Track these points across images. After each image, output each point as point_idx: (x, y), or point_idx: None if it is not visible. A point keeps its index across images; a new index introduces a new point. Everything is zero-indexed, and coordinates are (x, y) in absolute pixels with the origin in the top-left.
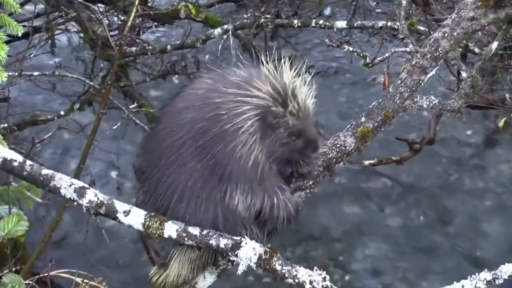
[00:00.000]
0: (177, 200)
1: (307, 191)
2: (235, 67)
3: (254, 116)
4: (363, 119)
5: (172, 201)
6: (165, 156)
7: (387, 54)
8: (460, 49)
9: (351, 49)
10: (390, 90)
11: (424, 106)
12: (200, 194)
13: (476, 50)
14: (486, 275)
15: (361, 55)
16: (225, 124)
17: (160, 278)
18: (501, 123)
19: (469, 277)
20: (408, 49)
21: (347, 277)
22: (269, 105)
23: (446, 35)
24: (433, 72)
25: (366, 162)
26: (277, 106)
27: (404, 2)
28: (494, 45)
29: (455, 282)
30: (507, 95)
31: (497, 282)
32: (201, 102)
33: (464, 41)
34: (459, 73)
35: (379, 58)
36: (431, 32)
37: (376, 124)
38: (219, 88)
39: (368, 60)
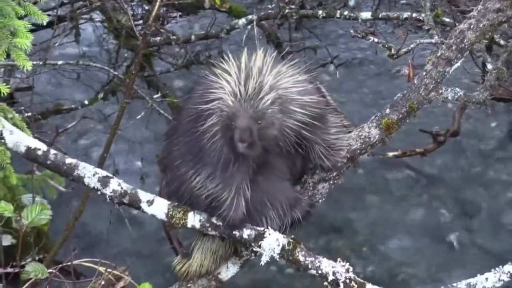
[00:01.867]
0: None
1: (331, 182)
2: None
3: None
4: (387, 110)
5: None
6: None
7: (412, 46)
8: (486, 41)
9: (376, 40)
10: (415, 82)
11: (449, 98)
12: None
13: (502, 42)
14: (510, 268)
15: (386, 46)
16: (203, 107)
17: (183, 268)
18: None
19: (492, 270)
20: (433, 41)
21: (369, 269)
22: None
23: (472, 26)
24: (458, 64)
25: (390, 154)
26: (227, 86)
27: None
28: None
29: (478, 275)
30: None
31: None
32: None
33: (490, 33)
34: (484, 65)
35: (404, 50)
36: (456, 24)
37: (400, 116)
38: (218, 75)
39: (393, 51)
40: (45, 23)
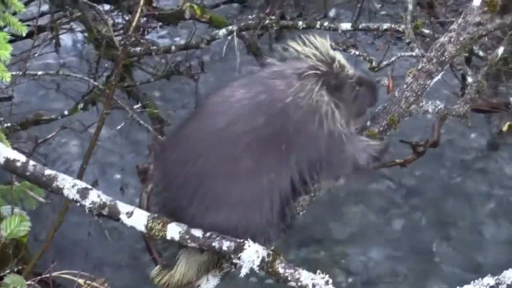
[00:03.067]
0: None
1: (312, 194)
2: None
3: (321, 87)
4: (368, 123)
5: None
6: (217, 178)
7: (393, 58)
8: (466, 54)
9: (357, 52)
10: (396, 94)
11: (430, 110)
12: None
13: (481, 53)
14: (489, 280)
15: (367, 59)
16: (303, 110)
17: (164, 279)
18: (505, 127)
19: (472, 282)
20: (414, 53)
21: (349, 280)
22: (326, 70)
23: (452, 39)
24: (439, 77)
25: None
26: (332, 66)
27: (410, 7)
28: (500, 50)
29: (457, 287)
30: (511, 99)
31: (500, 287)
32: (251, 110)
33: (470, 46)
34: (464, 78)
35: (385, 62)
36: (436, 35)
37: (381, 128)
38: (265, 89)
39: (374, 64)
40: (24, 34)
